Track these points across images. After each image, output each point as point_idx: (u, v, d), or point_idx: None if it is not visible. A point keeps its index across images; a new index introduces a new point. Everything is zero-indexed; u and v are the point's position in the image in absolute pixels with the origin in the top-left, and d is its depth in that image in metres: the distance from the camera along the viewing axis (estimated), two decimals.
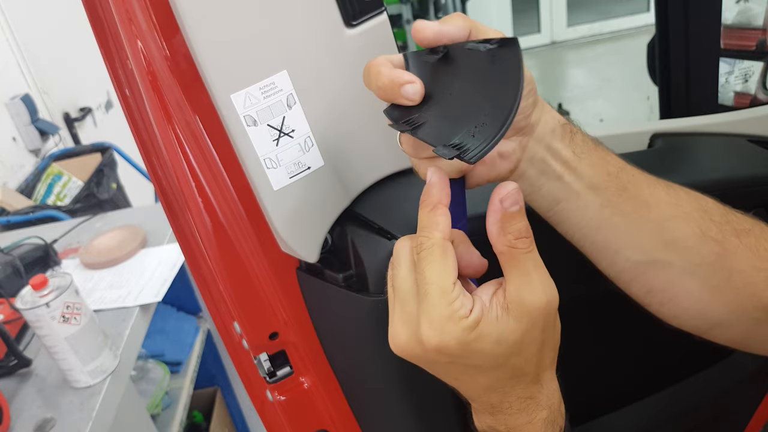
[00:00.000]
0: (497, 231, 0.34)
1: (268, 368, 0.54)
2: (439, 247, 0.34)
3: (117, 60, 0.49)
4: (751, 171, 0.60)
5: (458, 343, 0.33)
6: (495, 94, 0.35)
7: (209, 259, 0.49)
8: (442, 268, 0.34)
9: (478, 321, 0.34)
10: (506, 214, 0.34)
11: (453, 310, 0.33)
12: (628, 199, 0.42)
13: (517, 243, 0.34)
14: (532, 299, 0.34)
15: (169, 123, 0.45)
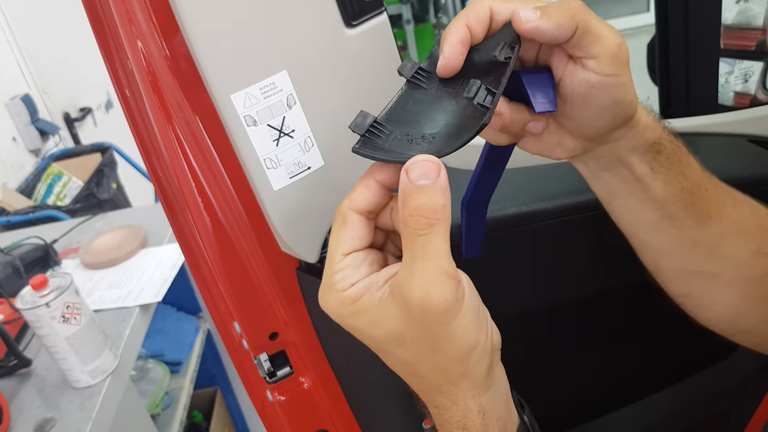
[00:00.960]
0: (400, 205, 0.31)
1: (268, 368, 0.54)
2: (340, 215, 0.33)
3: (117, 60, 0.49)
4: (751, 171, 0.60)
5: (334, 313, 0.32)
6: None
7: (209, 259, 0.49)
8: (335, 237, 0.33)
9: (356, 298, 0.31)
10: (408, 186, 0.30)
11: (333, 281, 0.32)
12: (692, 214, 0.40)
13: (410, 220, 0.30)
14: (408, 291, 0.30)
15: (169, 123, 0.45)
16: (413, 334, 0.31)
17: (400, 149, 0.32)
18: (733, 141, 0.65)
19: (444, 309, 0.30)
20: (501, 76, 0.34)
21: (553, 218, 0.53)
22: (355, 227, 0.33)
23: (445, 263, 0.30)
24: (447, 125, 0.34)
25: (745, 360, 0.70)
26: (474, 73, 0.35)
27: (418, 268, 0.30)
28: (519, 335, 0.65)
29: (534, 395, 0.69)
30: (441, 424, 0.34)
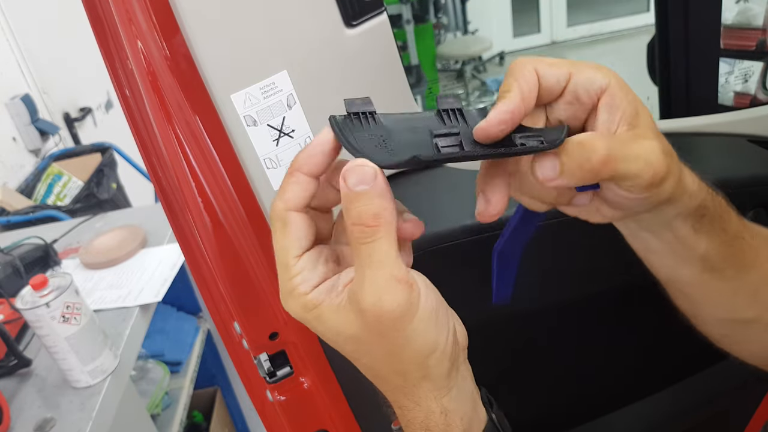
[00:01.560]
0: (345, 214, 0.30)
1: (268, 368, 0.54)
2: (278, 220, 0.32)
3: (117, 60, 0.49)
4: (751, 171, 0.60)
5: (300, 318, 0.32)
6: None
7: (209, 259, 0.49)
8: (281, 241, 0.32)
9: (318, 303, 0.31)
10: (348, 193, 0.30)
11: (293, 285, 0.31)
12: (732, 266, 0.39)
13: (354, 230, 0.29)
14: (361, 298, 0.30)
15: (169, 123, 0.45)
16: (370, 340, 0.31)
17: (362, 146, 0.31)
18: (734, 141, 0.65)
19: (397, 315, 0.30)
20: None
21: (553, 218, 0.53)
22: (298, 227, 0.32)
23: (395, 269, 0.30)
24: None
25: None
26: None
27: (368, 276, 0.30)
28: (519, 335, 0.65)
29: (534, 395, 0.70)
30: (405, 424, 0.34)
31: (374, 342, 0.31)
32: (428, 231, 0.50)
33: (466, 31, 4.76)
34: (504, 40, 4.91)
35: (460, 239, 0.51)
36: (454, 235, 0.50)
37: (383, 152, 0.31)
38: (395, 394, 0.33)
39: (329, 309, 0.31)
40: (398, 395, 0.33)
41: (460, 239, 0.51)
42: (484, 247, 0.52)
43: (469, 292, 0.55)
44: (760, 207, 0.60)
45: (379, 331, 0.30)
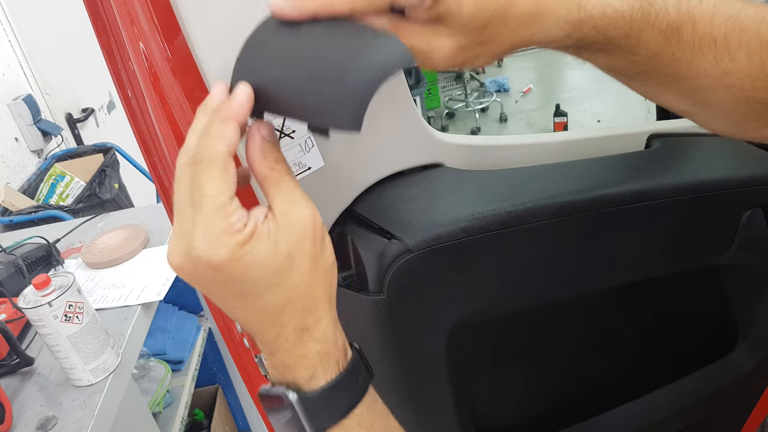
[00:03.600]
0: (257, 157, 0.36)
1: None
2: (221, 160, 0.33)
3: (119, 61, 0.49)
4: (748, 171, 0.60)
5: (230, 256, 0.33)
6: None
7: None
8: (221, 182, 0.33)
9: (251, 234, 0.33)
10: (266, 143, 0.36)
11: (229, 223, 0.33)
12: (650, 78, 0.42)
13: (276, 166, 0.36)
14: (298, 212, 0.35)
15: (171, 123, 0.45)
16: (301, 252, 0.35)
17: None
18: (733, 141, 0.66)
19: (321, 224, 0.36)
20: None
21: (550, 218, 0.53)
22: (234, 171, 0.34)
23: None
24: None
25: (743, 359, 0.71)
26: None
27: (298, 196, 0.36)
28: (518, 334, 0.65)
29: (533, 394, 0.70)
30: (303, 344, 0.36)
31: (303, 254, 0.35)
32: (426, 231, 0.51)
33: None
34: None
35: (459, 239, 0.51)
36: (453, 234, 0.51)
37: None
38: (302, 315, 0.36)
39: (263, 238, 0.34)
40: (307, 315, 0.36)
41: (459, 239, 0.51)
42: (482, 247, 0.52)
43: (468, 291, 0.55)
44: (758, 207, 0.61)
45: (312, 239, 0.35)
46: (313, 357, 0.37)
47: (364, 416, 0.38)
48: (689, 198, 0.57)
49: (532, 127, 4.08)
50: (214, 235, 0.33)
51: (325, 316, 0.37)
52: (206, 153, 0.33)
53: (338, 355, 0.37)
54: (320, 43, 0.34)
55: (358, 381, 0.38)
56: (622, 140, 0.64)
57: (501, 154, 0.60)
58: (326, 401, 0.37)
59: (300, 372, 0.37)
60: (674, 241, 0.61)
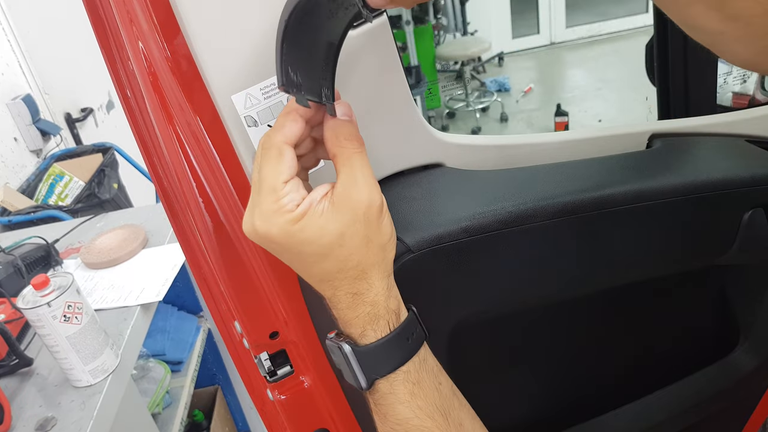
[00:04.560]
0: (329, 136, 0.40)
1: (268, 367, 0.55)
2: (276, 149, 0.39)
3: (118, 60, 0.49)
4: (749, 171, 0.60)
5: (282, 232, 0.38)
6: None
7: (210, 258, 0.50)
8: (275, 168, 0.38)
9: (303, 214, 0.38)
10: (338, 122, 0.40)
11: (280, 205, 0.38)
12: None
13: (346, 143, 0.39)
14: (355, 194, 0.39)
15: (170, 123, 0.45)
16: (354, 231, 0.39)
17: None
18: (732, 141, 0.66)
19: (380, 204, 0.40)
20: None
21: (551, 218, 0.53)
22: (291, 158, 0.39)
23: (372, 173, 0.40)
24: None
25: (744, 359, 0.71)
26: None
27: (361, 175, 0.39)
28: (519, 335, 0.65)
29: (534, 394, 0.70)
30: (355, 306, 0.41)
31: (357, 232, 0.39)
32: (427, 231, 0.50)
33: (465, 32, 4.76)
34: (503, 41, 4.91)
35: (459, 239, 0.51)
36: (453, 235, 0.50)
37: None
38: (355, 280, 0.41)
39: (315, 214, 0.38)
40: (356, 282, 0.41)
41: (459, 239, 0.51)
42: (483, 247, 0.52)
43: (469, 291, 0.55)
44: (759, 207, 0.61)
45: (366, 219, 0.39)
46: (364, 317, 0.41)
47: (411, 372, 0.42)
48: (690, 198, 0.57)
49: (532, 126, 4.08)
50: (266, 213, 0.38)
51: (376, 284, 0.41)
52: (268, 141, 0.39)
53: (388, 317, 0.42)
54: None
55: (407, 342, 0.43)
56: (624, 140, 0.64)
57: (502, 153, 0.60)
58: (375, 356, 0.42)
59: (354, 329, 0.42)
60: (675, 241, 0.61)
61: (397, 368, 0.42)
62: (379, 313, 0.42)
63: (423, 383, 0.43)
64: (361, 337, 0.42)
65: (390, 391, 0.42)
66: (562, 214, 0.53)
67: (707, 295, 0.72)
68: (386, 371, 0.42)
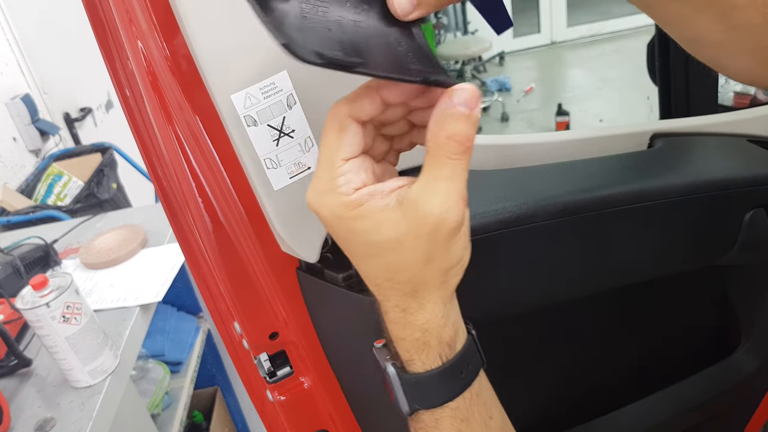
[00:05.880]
0: (434, 126, 0.33)
1: (268, 368, 0.54)
2: (338, 121, 0.34)
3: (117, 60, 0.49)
4: (750, 171, 0.60)
5: (332, 215, 0.33)
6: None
7: (209, 258, 0.49)
8: (335, 142, 0.34)
9: (361, 202, 0.33)
10: (451, 111, 0.32)
11: (335, 184, 0.33)
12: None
13: (446, 142, 0.32)
14: (426, 206, 0.32)
15: (170, 123, 0.45)
16: (414, 244, 0.33)
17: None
18: (733, 141, 0.65)
19: (455, 228, 0.33)
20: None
21: (552, 218, 0.53)
22: (355, 135, 0.34)
23: (465, 189, 0.33)
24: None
25: (745, 360, 0.70)
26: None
27: (443, 188, 0.32)
28: (520, 335, 0.65)
29: (535, 394, 0.69)
30: (403, 325, 0.36)
31: (417, 247, 0.33)
32: None
33: (466, 32, 4.76)
34: (504, 40, 4.91)
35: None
36: None
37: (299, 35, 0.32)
38: (406, 296, 0.35)
39: (375, 208, 0.33)
40: (408, 297, 0.35)
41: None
42: (484, 248, 0.52)
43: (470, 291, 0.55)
44: (760, 207, 0.60)
45: (431, 238, 0.33)
46: (411, 343, 0.36)
47: (460, 408, 0.38)
48: (692, 198, 0.57)
49: (533, 126, 4.08)
50: (319, 192, 0.34)
51: (429, 308, 0.36)
52: (334, 111, 0.34)
53: (440, 348, 0.37)
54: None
55: (460, 375, 0.38)
56: (625, 140, 0.64)
57: (502, 153, 0.60)
58: (421, 387, 0.37)
59: (401, 351, 0.37)
60: (677, 241, 0.61)
61: (444, 403, 0.37)
62: (430, 342, 0.36)
63: (472, 420, 0.38)
64: (409, 363, 0.37)
65: (434, 425, 0.38)
66: (563, 214, 0.53)
67: (709, 296, 0.72)
68: (432, 405, 0.37)
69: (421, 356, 0.36)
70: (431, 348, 0.36)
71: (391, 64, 0.34)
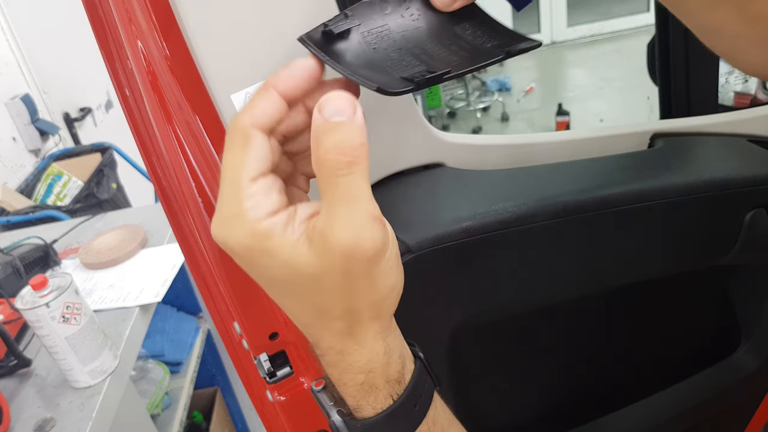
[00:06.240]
0: (313, 145, 0.28)
1: (267, 368, 0.54)
2: (240, 134, 0.29)
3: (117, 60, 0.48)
4: (751, 171, 0.60)
5: (241, 247, 0.28)
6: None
7: (209, 259, 0.49)
8: (238, 159, 0.28)
9: (271, 235, 0.28)
10: (322, 123, 0.27)
11: (242, 209, 0.28)
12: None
13: (326, 160, 0.27)
14: (334, 237, 0.27)
15: (169, 123, 0.45)
16: (332, 281, 0.28)
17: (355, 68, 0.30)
18: (734, 141, 0.65)
19: (371, 255, 0.28)
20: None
21: (552, 218, 0.53)
22: (261, 147, 0.29)
23: (370, 206, 0.28)
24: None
25: (746, 359, 0.70)
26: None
27: (342, 212, 0.27)
28: (520, 335, 0.65)
29: (536, 395, 0.69)
30: (343, 370, 0.32)
31: (335, 282, 0.29)
32: (428, 231, 0.50)
33: None
34: None
35: (460, 239, 0.51)
36: (454, 235, 0.50)
37: (381, 74, 0.30)
38: (337, 338, 0.31)
39: (284, 244, 0.28)
40: (343, 338, 0.31)
41: (460, 239, 0.51)
42: (484, 248, 0.52)
43: (469, 291, 0.55)
44: (761, 207, 0.60)
45: (346, 270, 0.28)
46: (355, 388, 0.32)
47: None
48: (692, 198, 0.57)
49: (534, 126, 4.08)
50: (225, 219, 0.29)
51: (369, 346, 0.31)
52: (231, 123, 0.29)
53: (389, 388, 0.32)
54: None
55: (414, 409, 0.33)
56: (625, 140, 0.64)
57: (503, 153, 0.60)
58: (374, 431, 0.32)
59: (346, 396, 0.33)
60: (677, 241, 0.61)
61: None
62: (377, 384, 0.32)
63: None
64: (357, 410, 0.33)
65: None
66: (563, 214, 0.53)
67: (709, 296, 0.72)
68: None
69: (369, 400, 0.32)
70: (379, 390, 0.32)
71: (470, 55, 0.32)
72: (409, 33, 0.33)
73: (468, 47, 0.33)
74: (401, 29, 0.33)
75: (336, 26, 0.32)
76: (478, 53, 0.32)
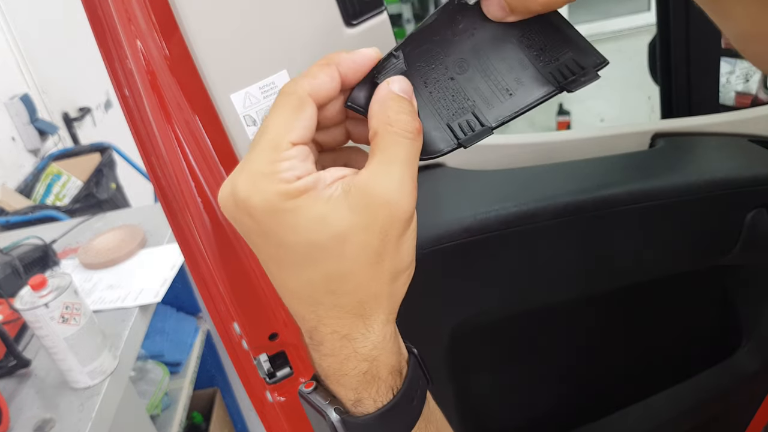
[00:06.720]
0: (375, 110, 0.29)
1: (267, 369, 0.54)
2: (296, 98, 0.29)
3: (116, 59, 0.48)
4: (752, 171, 0.60)
5: (266, 206, 0.27)
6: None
7: (209, 259, 0.49)
8: (287, 121, 0.28)
9: (303, 191, 0.27)
10: (393, 95, 0.30)
11: (276, 169, 0.27)
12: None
13: (397, 120, 0.29)
14: (382, 190, 0.28)
15: (169, 123, 0.44)
16: (362, 240, 0.28)
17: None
18: (735, 141, 0.65)
19: (408, 219, 0.29)
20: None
21: (553, 218, 0.53)
22: (311, 117, 0.29)
23: (416, 175, 0.29)
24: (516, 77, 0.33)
25: (747, 360, 0.70)
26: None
27: (397, 171, 0.28)
28: (520, 335, 0.64)
29: (537, 395, 0.69)
30: (345, 357, 0.30)
31: (365, 243, 0.28)
32: (428, 231, 0.50)
33: None
34: None
35: (460, 239, 0.50)
36: (454, 235, 0.50)
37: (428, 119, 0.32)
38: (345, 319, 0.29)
39: (318, 198, 0.27)
40: (349, 320, 0.29)
41: (460, 239, 0.50)
42: (484, 247, 0.52)
43: (469, 291, 0.55)
44: (762, 207, 0.60)
45: (382, 230, 0.28)
46: (356, 379, 0.30)
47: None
48: (693, 198, 0.57)
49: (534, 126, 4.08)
50: (255, 175, 0.28)
51: (378, 330, 0.30)
52: (287, 87, 0.30)
53: (391, 380, 0.31)
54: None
55: (412, 403, 0.32)
56: (626, 139, 0.63)
57: (503, 153, 0.60)
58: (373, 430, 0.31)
59: (344, 390, 0.31)
60: (678, 241, 0.61)
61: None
62: (380, 374, 0.30)
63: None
64: (356, 404, 0.30)
65: None
66: (564, 214, 0.53)
67: (710, 296, 0.72)
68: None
69: (371, 392, 0.30)
70: (382, 381, 0.30)
71: (524, 87, 0.32)
72: (460, 57, 0.33)
73: (523, 71, 0.33)
74: (452, 55, 0.33)
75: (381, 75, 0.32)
76: (533, 82, 0.32)
